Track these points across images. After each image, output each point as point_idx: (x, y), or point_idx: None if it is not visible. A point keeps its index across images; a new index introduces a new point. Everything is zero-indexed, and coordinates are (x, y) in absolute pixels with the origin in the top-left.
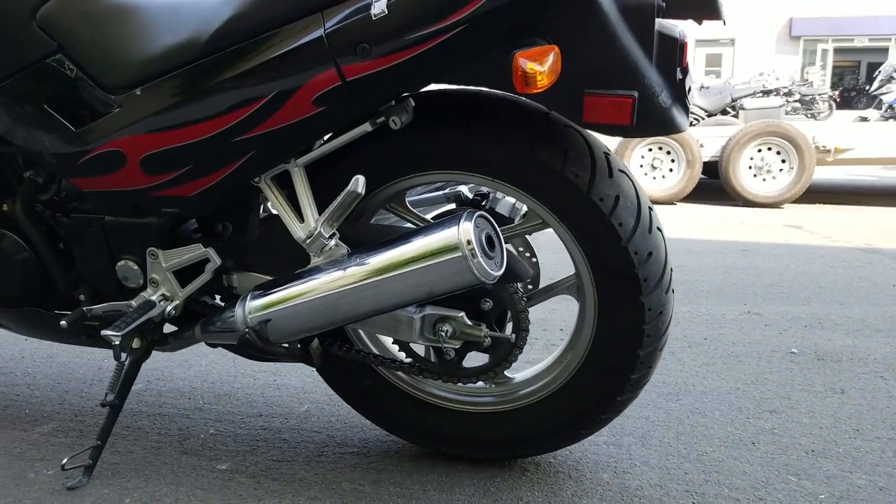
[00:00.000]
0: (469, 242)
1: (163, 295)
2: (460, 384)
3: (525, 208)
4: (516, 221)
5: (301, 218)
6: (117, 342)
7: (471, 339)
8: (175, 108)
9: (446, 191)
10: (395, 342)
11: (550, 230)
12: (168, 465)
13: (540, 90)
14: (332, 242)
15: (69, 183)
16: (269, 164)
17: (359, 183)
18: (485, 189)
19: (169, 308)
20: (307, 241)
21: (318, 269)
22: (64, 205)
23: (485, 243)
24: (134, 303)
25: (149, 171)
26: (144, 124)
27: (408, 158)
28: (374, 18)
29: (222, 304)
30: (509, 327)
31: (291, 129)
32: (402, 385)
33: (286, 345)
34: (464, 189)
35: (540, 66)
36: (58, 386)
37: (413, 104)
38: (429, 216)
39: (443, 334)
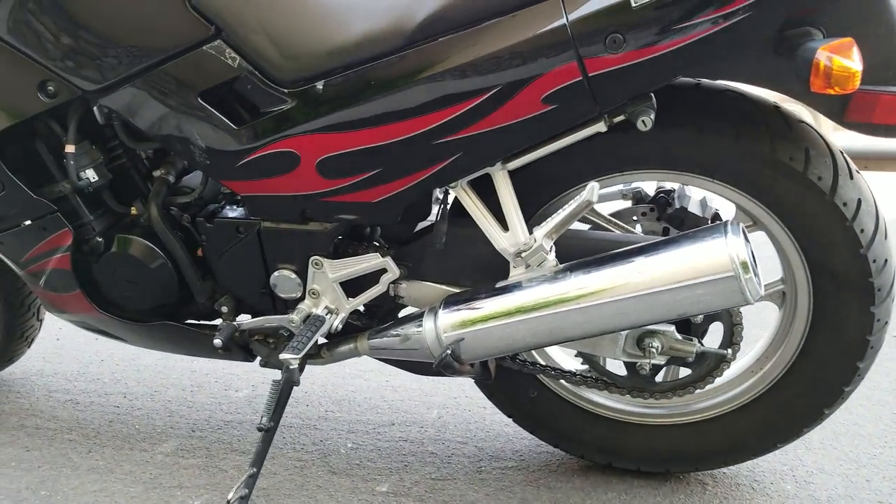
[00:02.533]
0: (742, 261)
1: (326, 308)
2: (652, 399)
3: (714, 208)
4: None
5: (503, 226)
6: (296, 365)
7: (678, 355)
8: (366, 105)
9: (621, 187)
10: (577, 355)
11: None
12: (322, 487)
13: (849, 91)
14: (552, 256)
15: (223, 185)
16: (475, 167)
17: (594, 191)
18: (667, 185)
19: (336, 322)
20: (516, 253)
21: (531, 285)
22: (201, 207)
23: (750, 259)
24: (296, 317)
25: (327, 175)
26: (326, 123)
27: (614, 157)
28: (634, 6)
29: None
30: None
31: (511, 130)
32: (570, 397)
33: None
34: (644, 185)
35: (851, 63)
36: (157, 395)
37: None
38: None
39: (653, 350)
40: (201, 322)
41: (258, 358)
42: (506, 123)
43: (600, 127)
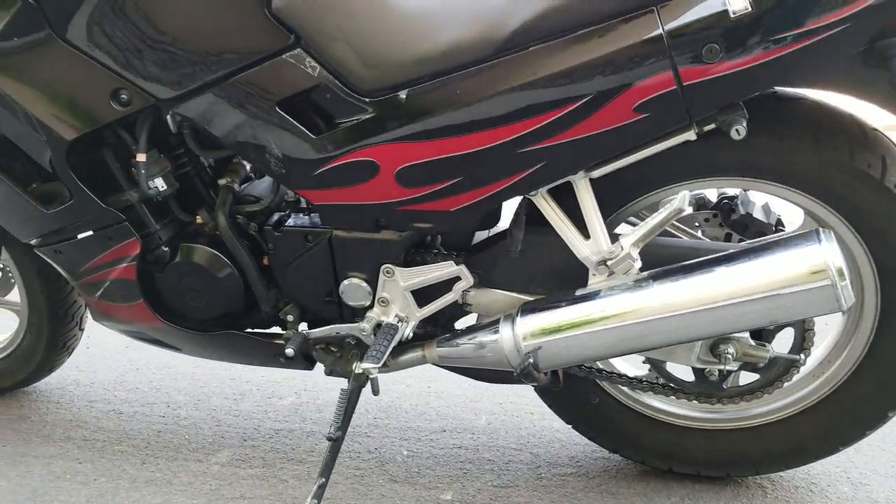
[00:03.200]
0: (839, 268)
1: (397, 316)
2: (719, 404)
3: (777, 213)
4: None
5: (583, 233)
6: (376, 374)
7: (752, 361)
8: (451, 114)
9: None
10: (645, 361)
11: None
12: (386, 497)
13: None
14: (639, 264)
15: (298, 195)
16: (559, 176)
17: (685, 199)
18: (729, 191)
19: (407, 331)
20: (601, 261)
21: (616, 293)
22: (266, 216)
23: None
24: (367, 325)
25: (406, 184)
26: (407, 132)
27: (692, 164)
28: (732, 16)
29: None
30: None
31: (599, 139)
32: (630, 402)
33: None
34: (706, 191)
35: None
36: (200, 404)
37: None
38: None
39: (728, 356)
40: (261, 330)
41: (315, 366)
42: (595, 132)
43: (690, 135)
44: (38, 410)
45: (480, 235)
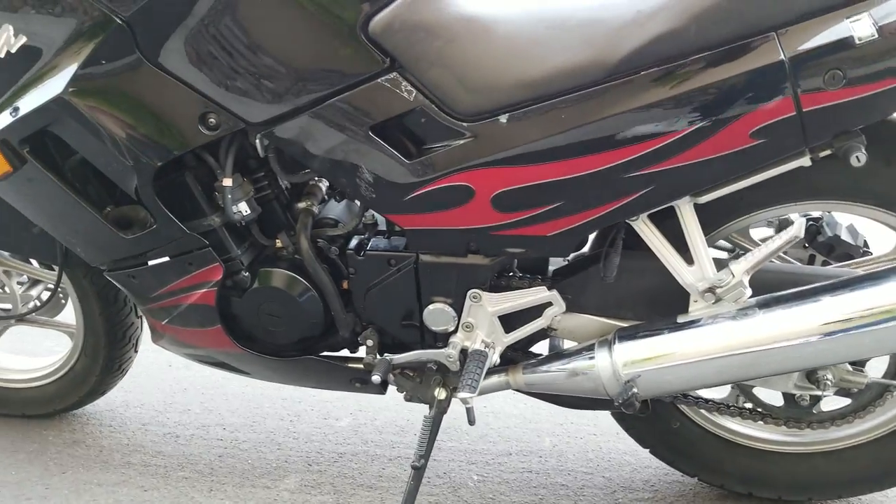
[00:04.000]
0: None
1: (483, 342)
2: (808, 429)
3: (864, 235)
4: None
5: (685, 258)
6: (472, 403)
7: (848, 386)
8: (554, 138)
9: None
10: (734, 386)
11: None
12: None
13: None
14: (749, 292)
15: (386, 218)
16: (664, 201)
17: (801, 227)
18: (814, 213)
19: (494, 357)
20: (707, 288)
21: (724, 321)
22: (346, 239)
23: None
24: (453, 351)
25: (502, 209)
26: (507, 156)
27: (798, 188)
28: (857, 43)
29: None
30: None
31: (711, 164)
32: (711, 427)
33: None
34: (792, 214)
35: None
36: (256, 426)
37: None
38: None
39: (827, 382)
40: (332, 353)
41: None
42: (708, 157)
43: (804, 161)
44: (92, 434)
45: (555, 259)
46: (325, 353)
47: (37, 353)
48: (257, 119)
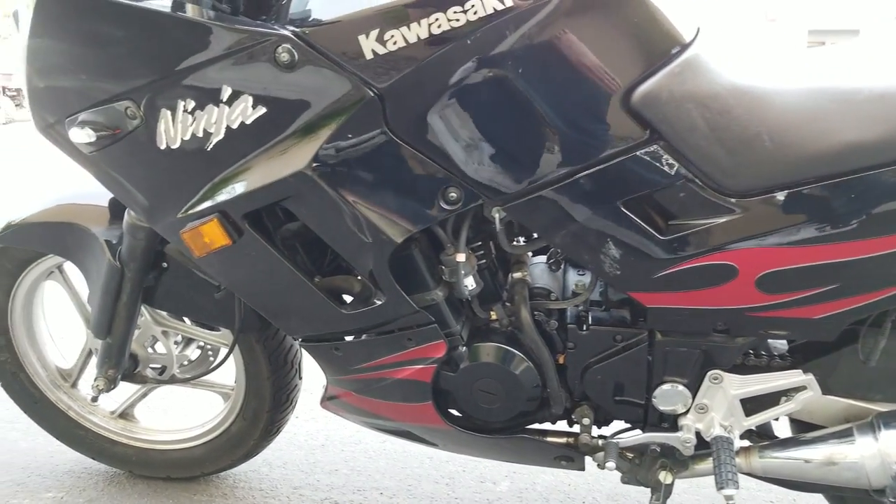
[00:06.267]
0: None
1: (721, 425)
2: None
3: None
4: None
5: None
6: (734, 501)
7: None
8: (839, 218)
9: None
10: None
11: None
12: None
13: None
14: None
15: (629, 296)
16: None
17: None
18: None
19: (736, 443)
20: None
21: None
22: (561, 312)
23: None
24: (688, 435)
25: (767, 290)
26: (781, 236)
27: None
28: None
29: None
30: None
31: None
32: None
33: None
34: None
35: None
36: (413, 489)
37: None
38: None
39: None
40: (540, 429)
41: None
42: None
43: None
44: (244, 499)
45: None
46: (528, 429)
47: (168, 412)
48: (502, 194)
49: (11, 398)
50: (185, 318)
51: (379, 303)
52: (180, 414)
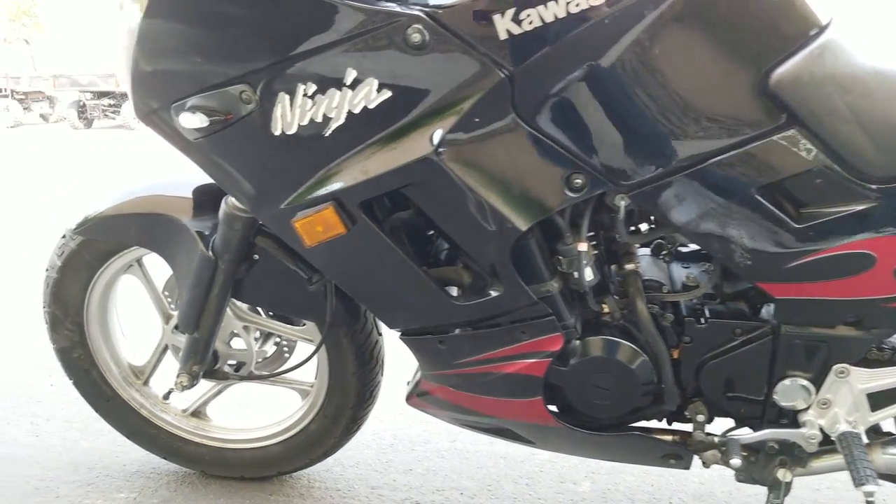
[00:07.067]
0: None
1: (846, 421)
2: None
3: None
4: None
5: None
6: (874, 497)
7: None
8: None
9: None
10: None
11: None
12: None
13: None
14: None
15: (759, 287)
16: None
17: None
18: None
19: (863, 439)
20: None
21: None
22: (674, 305)
23: None
24: (814, 432)
25: None
26: None
27: None
28: None
29: None
30: None
31: None
32: None
33: None
34: None
35: None
36: (494, 489)
37: None
38: None
39: None
40: (648, 427)
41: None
42: None
43: None
44: (322, 500)
45: None
46: (635, 426)
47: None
48: (630, 180)
49: (82, 395)
50: (264, 313)
51: (494, 294)
52: (247, 412)
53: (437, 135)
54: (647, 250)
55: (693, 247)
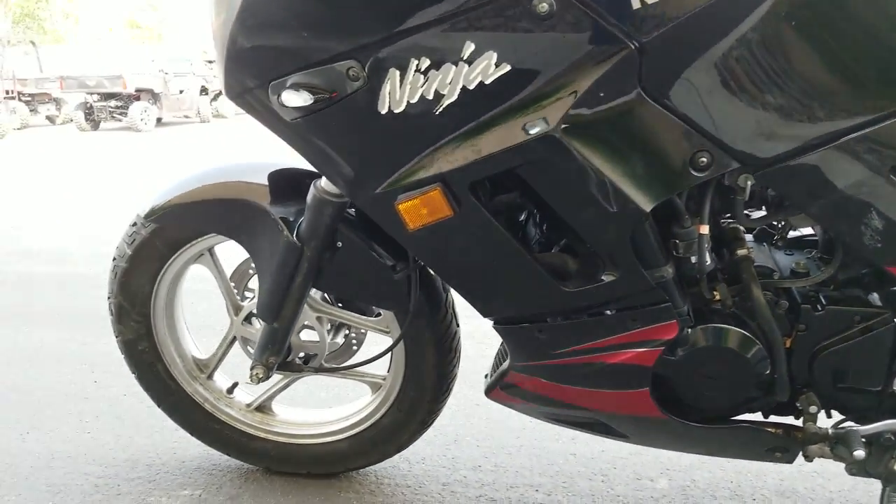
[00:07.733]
0: None
1: None
2: None
3: None
4: None
5: None
6: None
7: None
8: None
9: None
10: None
11: None
12: None
13: None
14: None
15: (888, 271)
16: None
17: None
18: None
19: None
20: None
21: None
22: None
23: None
24: None
25: None
26: None
27: None
28: None
29: None
30: None
31: None
32: None
33: None
34: None
35: None
36: (570, 486)
37: None
38: None
39: None
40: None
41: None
42: None
43: None
44: (395, 497)
45: None
46: (740, 419)
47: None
48: (760, 159)
49: (145, 390)
50: (337, 303)
51: (608, 279)
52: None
53: (560, 110)
54: (749, 237)
55: (800, 231)
